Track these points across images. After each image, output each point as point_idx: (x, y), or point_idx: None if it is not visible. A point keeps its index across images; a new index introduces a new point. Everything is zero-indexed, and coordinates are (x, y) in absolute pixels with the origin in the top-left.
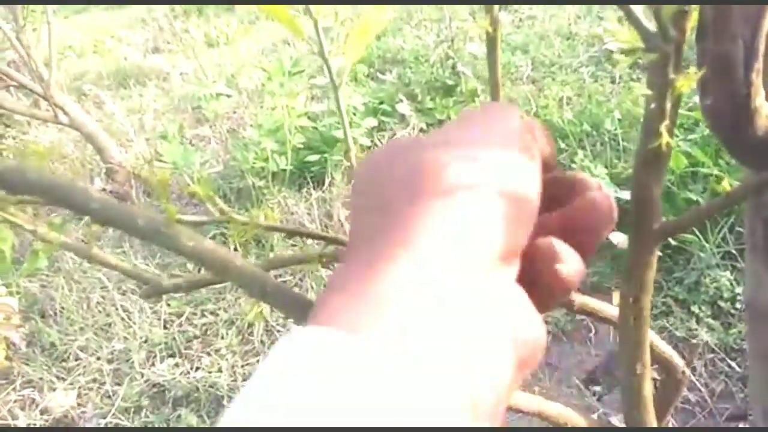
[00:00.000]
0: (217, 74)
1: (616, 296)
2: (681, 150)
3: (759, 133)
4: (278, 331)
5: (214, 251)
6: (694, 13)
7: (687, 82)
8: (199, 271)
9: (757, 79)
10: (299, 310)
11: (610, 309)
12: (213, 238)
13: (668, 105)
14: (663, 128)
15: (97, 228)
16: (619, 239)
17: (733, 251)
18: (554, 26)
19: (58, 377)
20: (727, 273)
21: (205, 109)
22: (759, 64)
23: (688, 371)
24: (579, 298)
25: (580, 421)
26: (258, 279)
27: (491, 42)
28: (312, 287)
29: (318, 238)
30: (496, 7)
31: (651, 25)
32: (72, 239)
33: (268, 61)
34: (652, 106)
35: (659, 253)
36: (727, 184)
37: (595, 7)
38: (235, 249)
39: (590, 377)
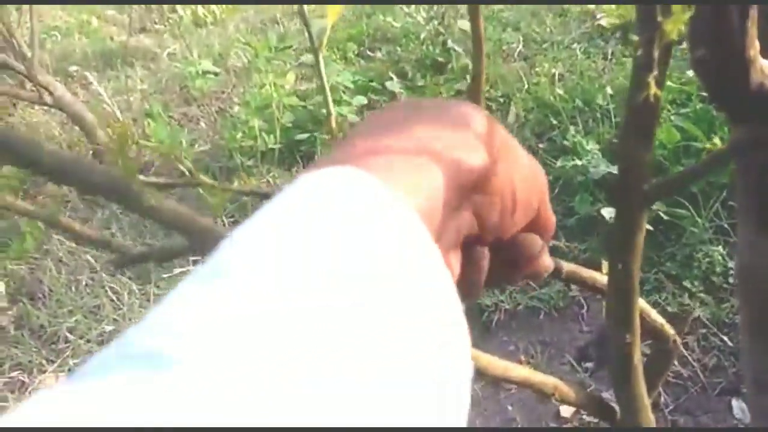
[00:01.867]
0: (206, 53)
1: (605, 267)
2: (674, 124)
3: (753, 86)
4: None
5: (175, 210)
6: None
7: (676, 24)
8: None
9: (751, 27)
10: None
11: (600, 278)
12: None
13: (656, 53)
14: (651, 79)
15: (58, 191)
16: (611, 214)
17: (726, 226)
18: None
19: (47, 360)
20: (720, 248)
21: (192, 88)
22: (753, 12)
23: (679, 340)
24: (568, 266)
25: (567, 389)
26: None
27: (474, 13)
28: None
29: None
30: None
31: None
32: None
33: (257, 39)
34: (639, 53)
35: (651, 229)
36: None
37: None
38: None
39: (582, 353)
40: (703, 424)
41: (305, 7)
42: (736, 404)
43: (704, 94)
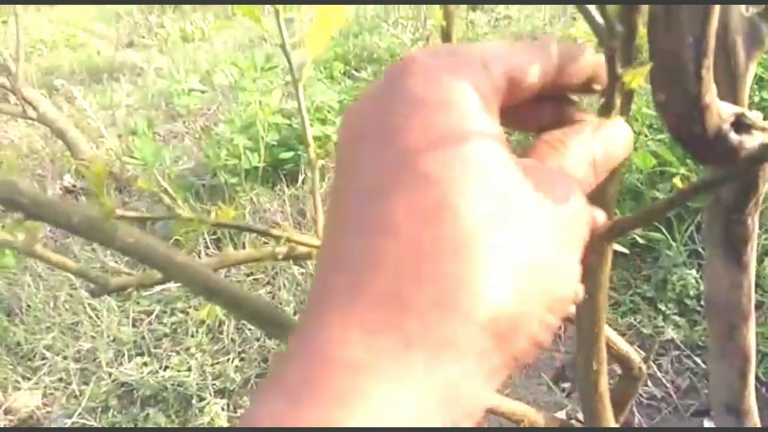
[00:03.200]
0: (192, 70)
1: None
2: (649, 150)
3: (710, 130)
4: (249, 329)
5: (154, 248)
6: (646, 8)
7: (635, 77)
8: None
9: (707, 75)
10: (251, 309)
11: None
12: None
13: (618, 100)
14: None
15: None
16: None
17: (700, 250)
18: (529, 27)
19: (23, 377)
20: (693, 271)
21: (178, 105)
22: (709, 60)
23: (644, 367)
24: None
25: (535, 416)
26: (199, 276)
27: (446, 38)
28: (284, 285)
29: (271, 236)
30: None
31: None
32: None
33: (244, 57)
34: (602, 101)
35: (627, 251)
36: (679, 182)
37: (570, 8)
38: (207, 247)
39: (559, 374)
40: None
41: (286, 37)
42: (708, 425)
43: None
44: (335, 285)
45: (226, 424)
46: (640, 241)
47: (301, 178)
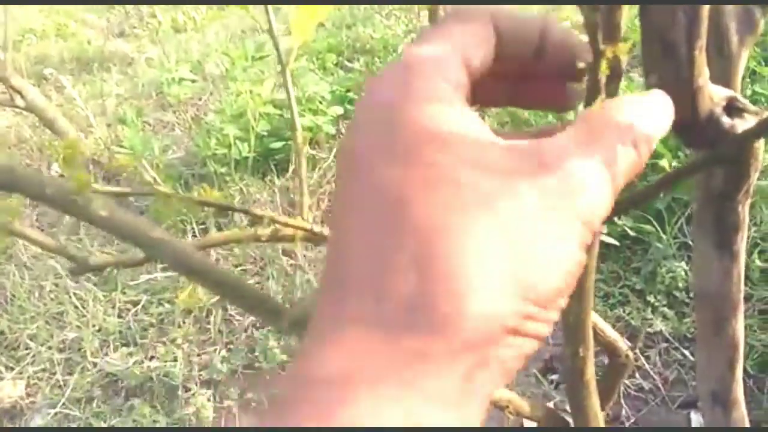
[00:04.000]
0: (184, 60)
1: None
2: None
3: (701, 113)
4: (237, 320)
5: (130, 222)
6: None
7: (615, 50)
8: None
9: (699, 56)
10: (230, 288)
11: None
12: (170, 227)
13: (602, 78)
14: (599, 104)
15: (19, 201)
16: None
17: (689, 242)
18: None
19: (6, 367)
20: (683, 263)
21: (168, 94)
22: (701, 41)
23: (631, 354)
24: None
25: (520, 403)
26: (179, 252)
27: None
28: (273, 276)
29: (253, 216)
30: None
31: None
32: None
33: (235, 48)
34: (585, 79)
35: (617, 244)
36: (667, 166)
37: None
38: (194, 236)
39: (547, 366)
40: None
41: (274, 24)
42: (695, 417)
43: None
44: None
45: (212, 415)
46: (631, 233)
47: (291, 169)
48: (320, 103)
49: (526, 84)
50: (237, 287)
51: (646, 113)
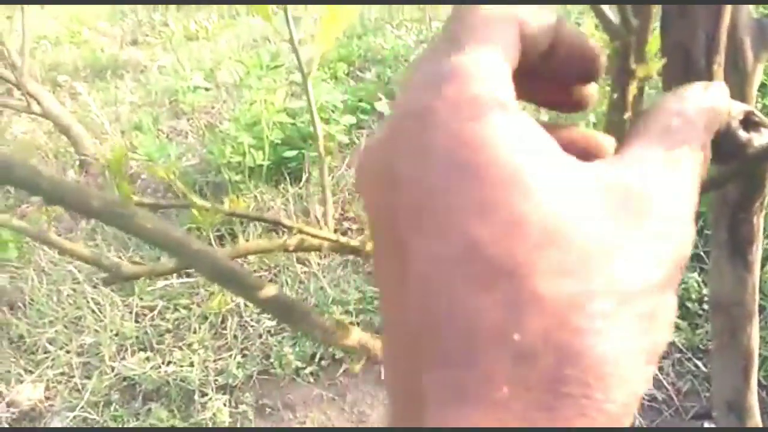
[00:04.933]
0: (197, 68)
1: None
2: None
3: (720, 127)
4: (252, 326)
5: (169, 233)
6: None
7: (647, 71)
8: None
9: (718, 71)
10: (258, 294)
11: None
12: (188, 231)
13: (630, 96)
14: (626, 119)
15: (56, 211)
16: None
17: (701, 253)
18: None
19: (25, 370)
20: (695, 274)
21: (182, 102)
22: (720, 57)
23: None
24: None
25: None
26: (218, 264)
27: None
28: (287, 282)
29: (283, 226)
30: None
31: (615, 18)
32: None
33: (248, 56)
34: (614, 96)
35: None
36: None
37: (574, 12)
38: (210, 244)
39: None
40: None
41: (294, 33)
42: (709, 427)
43: None
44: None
45: (228, 420)
46: None
47: (305, 177)
48: (332, 112)
49: (532, 84)
50: (270, 295)
51: (718, 108)
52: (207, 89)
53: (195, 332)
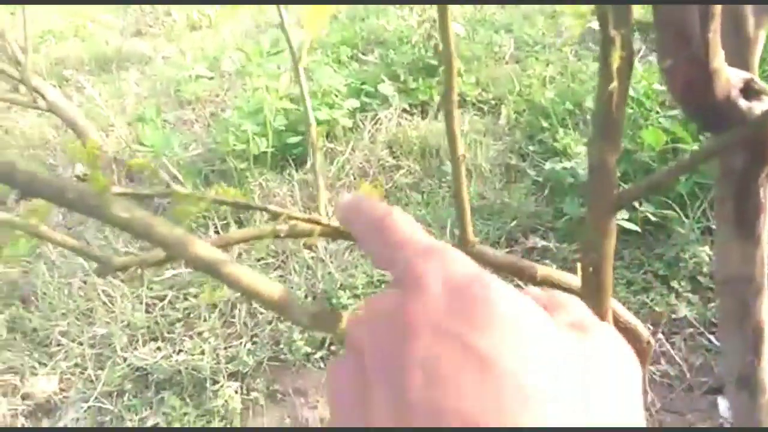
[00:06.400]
0: (200, 57)
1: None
2: (661, 126)
3: (718, 96)
4: (261, 313)
5: (149, 223)
6: None
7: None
8: None
9: (714, 39)
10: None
11: (573, 280)
12: (190, 224)
13: (614, 64)
14: (612, 89)
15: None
16: None
17: (713, 226)
18: (537, 6)
19: (39, 363)
20: (706, 248)
21: (186, 92)
22: (716, 24)
23: (653, 341)
24: (541, 270)
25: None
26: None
27: (442, 11)
28: (295, 269)
29: (270, 212)
30: None
31: None
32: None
33: (251, 44)
34: (600, 66)
35: (639, 230)
36: (687, 148)
37: None
38: (216, 232)
39: None
40: (689, 422)
41: (286, 18)
42: (722, 402)
43: None
44: None
45: (239, 407)
46: (652, 218)
47: (309, 163)
48: (336, 96)
49: None
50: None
51: None
52: (211, 78)
53: (205, 321)
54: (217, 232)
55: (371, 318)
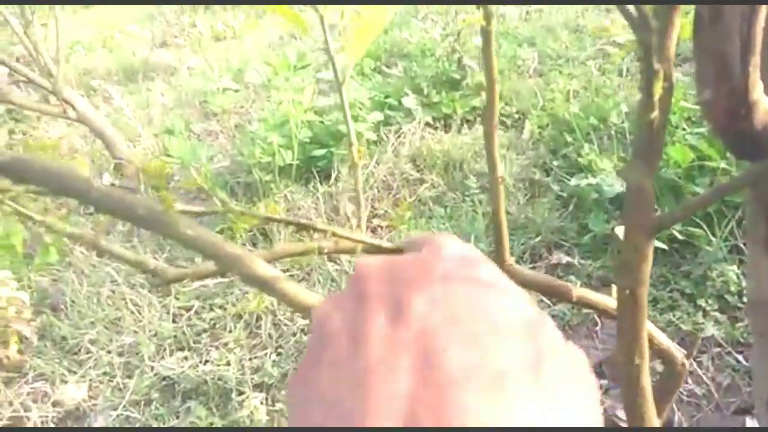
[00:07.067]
0: (225, 69)
1: (614, 291)
2: (688, 143)
3: (757, 127)
4: (285, 325)
5: (209, 239)
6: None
7: (669, 71)
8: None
9: (754, 72)
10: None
11: (609, 301)
12: (220, 232)
13: (656, 95)
14: (653, 118)
15: (105, 219)
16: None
17: (741, 245)
18: (561, 19)
19: (69, 370)
20: (734, 267)
21: (212, 103)
22: (756, 58)
23: (687, 363)
24: (577, 291)
25: None
26: (248, 266)
27: (485, 36)
28: (319, 281)
29: (316, 230)
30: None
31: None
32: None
33: (275, 55)
34: (640, 96)
35: (665, 247)
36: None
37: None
38: (243, 244)
39: (596, 371)
40: None
41: (330, 42)
42: (750, 423)
43: None
44: None
45: (265, 418)
46: (679, 236)
47: (333, 175)
48: (360, 109)
49: None
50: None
51: None
52: (236, 90)
53: (230, 332)
54: (243, 244)
55: (381, 263)
